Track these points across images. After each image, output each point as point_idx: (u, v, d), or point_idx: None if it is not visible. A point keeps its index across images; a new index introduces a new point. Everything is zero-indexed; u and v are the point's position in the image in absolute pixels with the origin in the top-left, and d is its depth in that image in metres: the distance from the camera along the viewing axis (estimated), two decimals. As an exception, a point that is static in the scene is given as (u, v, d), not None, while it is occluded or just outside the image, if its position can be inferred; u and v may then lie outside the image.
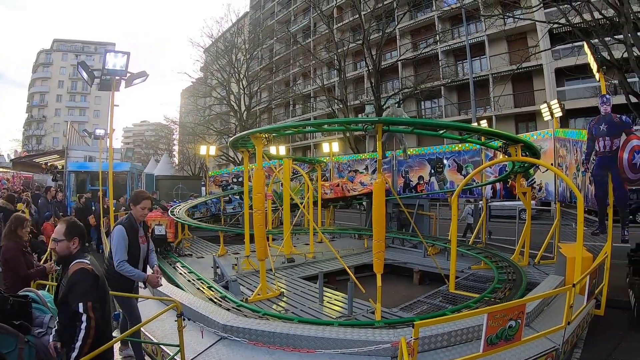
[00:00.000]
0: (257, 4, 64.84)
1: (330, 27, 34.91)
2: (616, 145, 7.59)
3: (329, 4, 46.93)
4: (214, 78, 45.18)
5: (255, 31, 49.28)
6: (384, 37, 29.73)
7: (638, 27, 12.35)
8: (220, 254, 12.81)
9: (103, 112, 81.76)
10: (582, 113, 28.17)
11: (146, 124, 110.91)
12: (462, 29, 34.83)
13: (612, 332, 7.45)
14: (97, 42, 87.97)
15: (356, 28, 39.72)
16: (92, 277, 3.40)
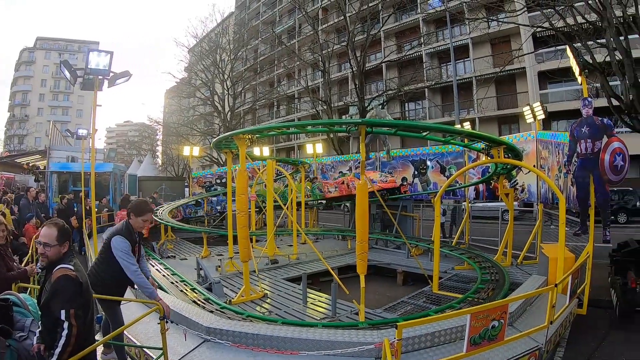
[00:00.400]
0: (243, 4, 64.63)
1: (315, 29, 34.91)
2: (598, 147, 7.69)
3: (314, 5, 46.92)
4: (198, 78, 44.86)
5: (240, 31, 49.00)
6: (369, 39, 29.79)
7: (620, 31, 12.52)
8: (203, 256, 12.72)
9: (86, 112, 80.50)
10: (564, 115, 28.54)
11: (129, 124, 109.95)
12: (446, 31, 35.07)
13: (595, 331, 7.56)
14: (80, 40, 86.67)
15: (341, 30, 39.77)
16: (75, 284, 3.32)
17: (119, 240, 4.85)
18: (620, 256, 8.82)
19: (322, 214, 21.34)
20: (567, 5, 13.08)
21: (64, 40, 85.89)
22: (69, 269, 3.38)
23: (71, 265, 3.42)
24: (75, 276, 3.35)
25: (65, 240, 3.55)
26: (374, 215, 14.97)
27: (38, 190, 16.85)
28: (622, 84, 12.55)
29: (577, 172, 8.23)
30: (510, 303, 4.67)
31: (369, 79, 39.00)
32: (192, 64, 46.12)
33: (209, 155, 41.59)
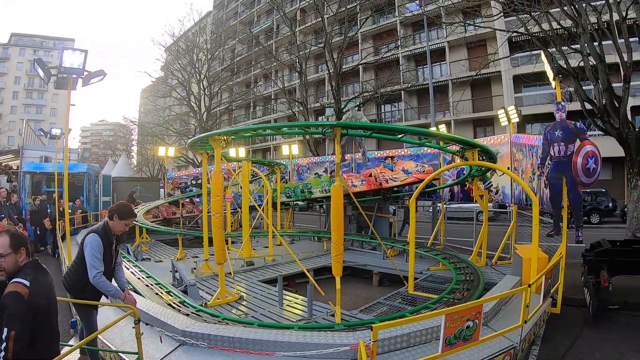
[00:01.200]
0: (221, 4, 64.21)
1: (292, 30, 34.94)
2: (570, 150, 7.82)
3: (292, 7, 46.91)
4: (174, 78, 44.42)
5: (217, 31, 48.71)
6: (346, 41, 29.90)
7: (594, 37, 12.80)
8: (179, 258, 12.55)
9: (60, 111, 78.74)
10: (539, 119, 29.10)
11: (104, 124, 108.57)
12: (423, 34, 35.43)
13: (569, 329, 7.72)
14: (56, 37, 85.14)
15: (319, 31, 39.89)
16: (22, 302, 3.01)
17: (92, 239, 4.73)
18: (593, 256, 8.99)
19: (297, 215, 21.28)
20: (543, 11, 13.31)
21: (39, 37, 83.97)
22: (22, 284, 3.08)
23: (27, 280, 3.11)
24: (26, 294, 3.04)
25: (20, 246, 3.24)
26: (350, 216, 14.97)
27: (10, 191, 16.43)
28: (595, 88, 12.84)
29: (551, 175, 8.37)
30: (484, 303, 4.71)
31: (346, 80, 39.17)
32: (168, 63, 45.64)
33: (184, 156, 41.22)
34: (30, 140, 29.16)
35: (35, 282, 3.15)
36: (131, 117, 59.38)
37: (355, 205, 11.68)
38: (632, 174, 12.36)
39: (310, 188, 14.33)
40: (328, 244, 13.83)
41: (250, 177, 14.02)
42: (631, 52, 12.37)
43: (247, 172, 12.51)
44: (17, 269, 3.20)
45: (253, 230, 13.76)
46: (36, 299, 3.10)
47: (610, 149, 14.17)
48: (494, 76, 32.24)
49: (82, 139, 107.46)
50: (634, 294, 8.85)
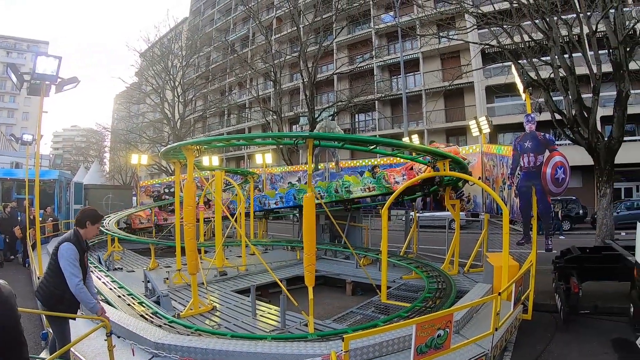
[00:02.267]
0: (197, 10, 63.93)
1: (268, 38, 34.97)
2: (540, 161, 8.01)
3: (268, 15, 46.97)
4: (148, 84, 43.95)
5: (193, 38, 48.46)
6: (321, 51, 30.03)
7: (565, 50, 13.13)
8: (151, 268, 12.37)
9: (33, 115, 76.60)
10: (510, 128, 29.59)
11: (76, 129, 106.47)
12: (397, 45, 35.79)
13: (541, 334, 7.90)
14: (30, 39, 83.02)
15: (294, 40, 39.99)
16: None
17: (67, 248, 4.65)
18: (563, 263, 9.20)
19: (271, 224, 21.22)
20: (515, 25, 13.60)
21: (12, 39, 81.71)
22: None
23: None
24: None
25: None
26: (323, 225, 14.98)
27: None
28: (565, 99, 13.14)
29: (520, 184, 8.53)
30: (455, 312, 4.76)
31: (320, 90, 39.34)
32: (143, 69, 45.13)
33: (157, 164, 40.75)
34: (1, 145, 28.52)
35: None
36: (104, 123, 58.40)
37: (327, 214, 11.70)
38: (601, 182, 12.68)
39: (348, 187, 13.50)
40: (301, 253, 13.76)
41: (223, 186, 13.91)
42: (600, 65, 12.73)
43: (220, 182, 12.43)
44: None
45: (226, 239, 13.62)
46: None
47: (580, 157, 14.53)
48: (466, 87, 32.76)
49: (53, 145, 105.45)
50: (603, 299, 9.11)
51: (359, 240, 14.63)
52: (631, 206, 23.79)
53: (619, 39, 12.01)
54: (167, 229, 19.63)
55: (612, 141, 12.51)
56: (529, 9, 13.47)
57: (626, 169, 25.07)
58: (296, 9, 31.74)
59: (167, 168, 39.62)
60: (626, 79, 12.20)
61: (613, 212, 13.36)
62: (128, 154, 39.53)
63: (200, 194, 15.06)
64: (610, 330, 8.07)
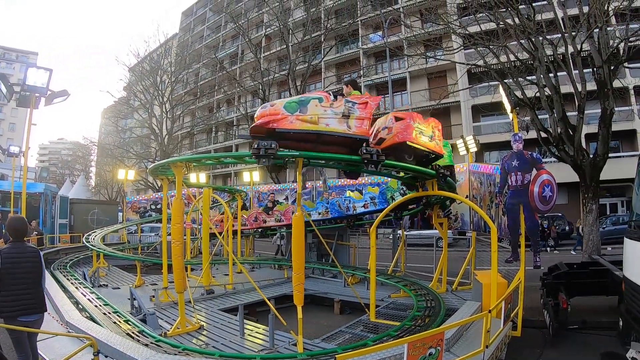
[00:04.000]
0: (187, 27, 64.17)
1: (257, 56, 35.11)
2: (527, 179, 8.10)
3: (258, 32, 47.26)
4: (137, 99, 43.85)
5: (182, 54, 48.53)
6: (310, 69, 30.23)
7: (550, 69, 13.36)
8: (137, 285, 12.21)
9: (19, 126, 75.48)
10: (496, 147, 30.01)
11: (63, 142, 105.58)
12: (385, 64, 36.15)
13: (531, 351, 7.96)
14: (19, 49, 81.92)
15: (283, 58, 40.18)
16: None
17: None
18: (551, 279, 9.25)
19: (257, 243, 21.11)
20: (502, 45, 13.82)
21: (1, 48, 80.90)
22: None
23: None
24: None
25: None
26: (310, 244, 14.88)
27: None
28: (551, 118, 13.33)
29: (508, 202, 8.61)
30: (446, 330, 4.75)
31: (309, 108, 39.40)
32: (131, 83, 45.04)
33: (144, 179, 40.48)
34: (-15, 156, 28.18)
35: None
36: (91, 137, 58.02)
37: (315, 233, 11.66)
38: (587, 198, 12.83)
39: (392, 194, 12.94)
40: (288, 271, 13.75)
41: (210, 203, 13.83)
42: (585, 83, 12.96)
43: (207, 199, 12.36)
44: None
45: (213, 257, 13.51)
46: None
47: (566, 174, 14.71)
48: (453, 106, 33.11)
49: (39, 157, 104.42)
50: (591, 314, 9.18)
51: (346, 259, 14.56)
52: (616, 221, 24.04)
53: (603, 58, 12.26)
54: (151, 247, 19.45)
55: (597, 158, 12.69)
56: (515, 30, 13.72)
57: (611, 184, 25.44)
58: (286, 27, 31.93)
59: (153, 184, 39.37)
60: (610, 97, 12.44)
61: (599, 227, 13.47)
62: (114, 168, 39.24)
63: (188, 211, 14.94)
64: (599, 344, 8.14)
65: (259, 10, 47.50)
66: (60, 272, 13.48)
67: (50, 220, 21.33)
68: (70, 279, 12.46)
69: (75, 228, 22.73)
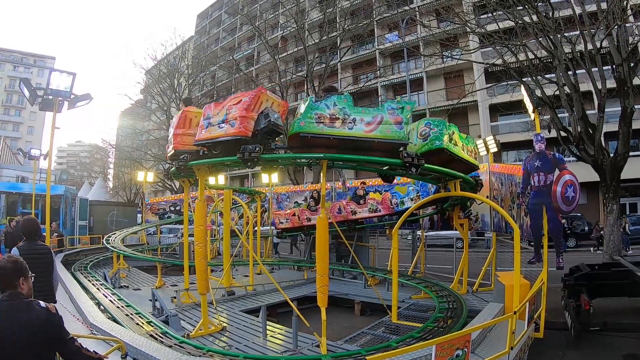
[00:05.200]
0: (203, 29, 64.57)
1: (274, 57, 35.21)
2: (550, 180, 8.03)
3: (273, 34, 47.41)
4: (154, 102, 44.22)
5: (198, 56, 48.81)
6: (327, 70, 30.23)
7: (569, 67, 13.21)
8: (157, 286, 12.31)
9: (37, 129, 77.16)
10: (514, 146, 29.72)
11: (81, 145, 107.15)
12: (402, 64, 36.00)
13: (552, 352, 7.87)
14: (36, 54, 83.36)
15: (299, 59, 40.24)
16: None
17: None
18: (573, 280, 9.16)
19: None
20: (521, 44, 13.70)
21: (19, 53, 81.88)
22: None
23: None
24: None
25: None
26: (330, 245, 14.86)
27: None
28: (571, 116, 13.18)
29: (531, 203, 8.55)
30: (472, 332, 4.74)
31: (326, 109, 39.40)
32: (149, 85, 45.42)
33: (162, 181, 40.79)
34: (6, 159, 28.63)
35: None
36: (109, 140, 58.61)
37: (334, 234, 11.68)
38: (608, 198, 12.66)
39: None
40: (308, 272, 13.77)
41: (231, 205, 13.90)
42: (605, 82, 12.79)
43: (228, 201, 12.44)
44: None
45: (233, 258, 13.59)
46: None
47: (585, 174, 14.52)
48: (470, 105, 32.81)
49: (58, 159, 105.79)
50: (613, 315, 9.06)
51: (366, 260, 14.53)
52: (637, 221, 23.61)
53: (622, 56, 12.10)
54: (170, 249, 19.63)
55: (617, 157, 12.55)
56: (533, 28, 13.59)
57: (631, 184, 25.08)
58: (302, 28, 31.98)
59: (171, 186, 39.67)
60: (630, 95, 12.27)
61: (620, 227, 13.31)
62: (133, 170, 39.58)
63: (208, 213, 15.02)
64: (621, 346, 8.09)
65: (274, 12, 47.59)
66: (80, 273, 13.64)
67: (70, 221, 21.63)
68: (91, 280, 12.61)
69: (95, 229, 23.01)
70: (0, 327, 2.85)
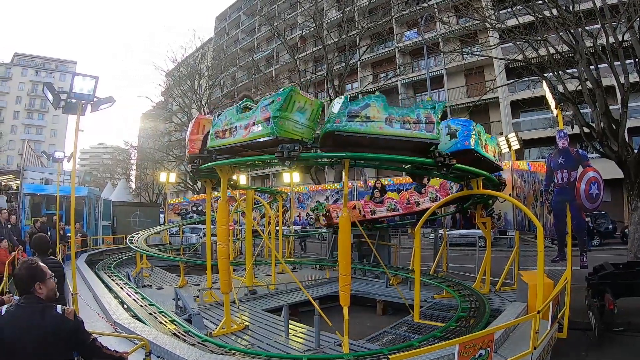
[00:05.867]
0: (222, 31, 65.11)
1: (293, 57, 35.29)
2: (573, 177, 7.92)
3: (292, 34, 47.53)
4: (175, 103, 44.68)
5: (218, 58, 49.13)
6: (347, 69, 30.18)
7: (591, 61, 12.99)
8: (180, 285, 12.45)
9: (60, 132, 79.37)
10: (536, 143, 29.27)
11: (103, 147, 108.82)
12: (421, 62, 35.78)
13: (575, 353, 7.76)
14: (58, 59, 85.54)
15: (319, 58, 40.28)
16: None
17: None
18: (597, 279, 9.01)
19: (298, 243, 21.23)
20: (542, 39, 13.51)
21: (41, 58, 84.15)
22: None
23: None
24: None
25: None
26: (352, 244, 14.85)
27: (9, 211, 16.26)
28: (594, 112, 12.95)
29: (555, 201, 8.44)
30: (495, 331, 4.72)
31: (345, 107, 39.38)
32: (169, 87, 45.92)
33: (183, 182, 41.19)
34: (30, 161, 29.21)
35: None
36: (131, 141, 59.46)
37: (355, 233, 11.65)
38: (632, 196, 12.42)
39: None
40: (330, 272, 13.80)
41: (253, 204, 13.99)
42: (628, 76, 12.54)
43: (250, 201, 12.52)
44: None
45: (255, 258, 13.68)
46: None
47: (608, 171, 14.27)
48: (491, 102, 32.46)
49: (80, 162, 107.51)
50: (637, 315, 8.89)
51: (388, 259, 14.48)
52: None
53: (645, 49, 11.86)
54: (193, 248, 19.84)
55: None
56: (554, 22, 13.39)
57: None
58: (321, 28, 31.98)
59: (193, 186, 40.04)
60: (654, 89, 12.02)
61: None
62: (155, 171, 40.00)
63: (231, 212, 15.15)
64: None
65: (292, 12, 47.71)
66: (104, 273, 13.92)
67: (94, 222, 21.99)
68: (114, 280, 12.85)
69: (118, 230, 23.36)
70: (12, 331, 2.91)
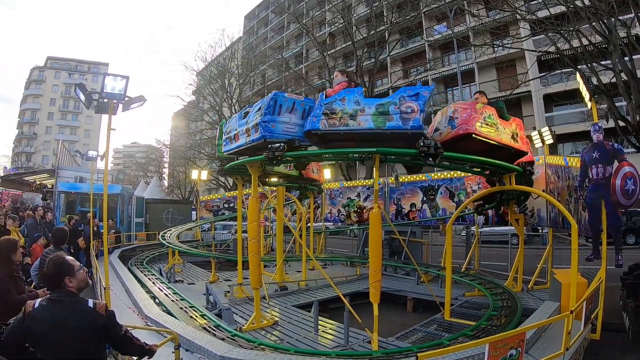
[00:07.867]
0: (250, 30, 65.54)
1: (323, 54, 35.24)
2: (609, 172, 7.68)
3: (321, 31, 47.54)
4: (206, 102, 45.23)
5: (248, 56, 49.52)
6: (377, 65, 30.02)
7: (625, 53, 12.60)
8: (211, 281, 12.65)
9: (94, 132, 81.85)
10: (570, 138, 28.59)
11: (136, 146, 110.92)
12: (452, 56, 35.32)
13: (607, 355, 7.52)
14: (90, 61, 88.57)
15: (348, 55, 40.13)
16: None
17: None
18: (632, 279, 8.75)
19: (329, 239, 21.22)
20: (574, 29, 13.18)
21: (74, 61, 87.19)
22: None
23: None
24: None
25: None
26: (383, 241, 14.81)
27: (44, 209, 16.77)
28: (629, 105, 12.58)
29: (589, 197, 8.21)
30: (526, 331, 4.64)
31: (376, 104, 39.25)
32: (200, 87, 46.51)
33: (215, 179, 41.66)
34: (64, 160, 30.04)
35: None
36: (163, 140, 60.47)
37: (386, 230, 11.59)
38: (669, 191, 11.99)
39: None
40: (361, 269, 13.79)
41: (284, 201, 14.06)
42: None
43: (281, 197, 12.60)
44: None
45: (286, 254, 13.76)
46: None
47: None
48: (524, 96, 31.78)
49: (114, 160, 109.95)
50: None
51: (419, 256, 14.37)
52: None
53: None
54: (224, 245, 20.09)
55: (678, 147, 11.88)
56: (586, 12, 13.02)
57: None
58: (350, 24, 31.88)
59: (225, 183, 40.47)
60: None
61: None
62: (187, 169, 40.55)
63: (262, 209, 15.26)
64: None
65: (320, 9, 47.70)
66: (137, 268, 14.27)
67: (127, 219, 22.48)
68: (147, 275, 13.13)
69: (151, 226, 23.81)
70: (44, 325, 3.09)
